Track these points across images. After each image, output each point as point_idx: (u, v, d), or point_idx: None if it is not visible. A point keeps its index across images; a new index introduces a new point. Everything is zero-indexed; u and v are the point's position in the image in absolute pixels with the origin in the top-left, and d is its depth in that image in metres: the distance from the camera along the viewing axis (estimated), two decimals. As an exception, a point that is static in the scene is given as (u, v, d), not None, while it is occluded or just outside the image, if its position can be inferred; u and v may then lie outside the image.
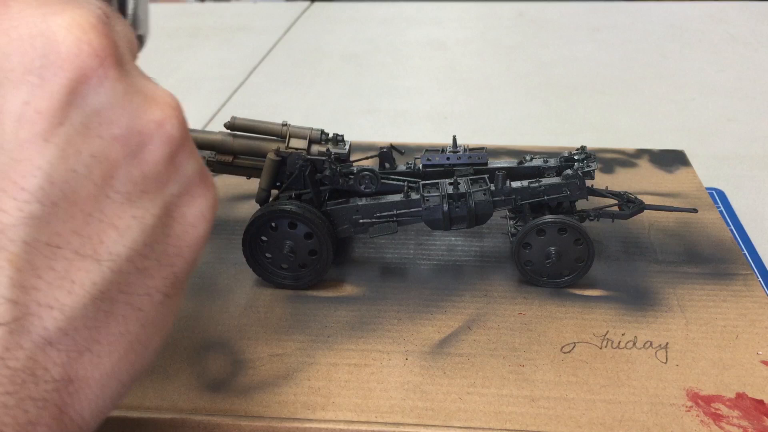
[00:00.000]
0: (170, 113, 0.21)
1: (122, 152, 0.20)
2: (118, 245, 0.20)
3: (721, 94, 0.76)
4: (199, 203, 0.22)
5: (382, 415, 0.32)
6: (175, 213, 0.22)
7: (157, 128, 0.21)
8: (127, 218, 0.20)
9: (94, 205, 0.19)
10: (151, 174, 0.21)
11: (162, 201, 0.21)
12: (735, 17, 1.01)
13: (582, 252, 0.40)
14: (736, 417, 0.32)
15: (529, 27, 1.02)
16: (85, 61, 0.19)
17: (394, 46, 0.95)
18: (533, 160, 0.43)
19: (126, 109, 0.20)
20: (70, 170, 0.19)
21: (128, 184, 0.20)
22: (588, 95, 0.78)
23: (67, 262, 0.19)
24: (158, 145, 0.21)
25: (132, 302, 0.21)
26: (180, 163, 0.22)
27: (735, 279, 0.41)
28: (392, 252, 0.45)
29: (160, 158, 0.21)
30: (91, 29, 0.19)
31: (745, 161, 0.62)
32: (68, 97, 0.19)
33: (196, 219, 0.22)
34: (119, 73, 0.20)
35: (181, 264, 0.22)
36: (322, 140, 0.42)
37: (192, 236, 0.22)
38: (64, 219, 0.19)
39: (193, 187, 0.22)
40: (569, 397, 0.33)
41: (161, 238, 0.21)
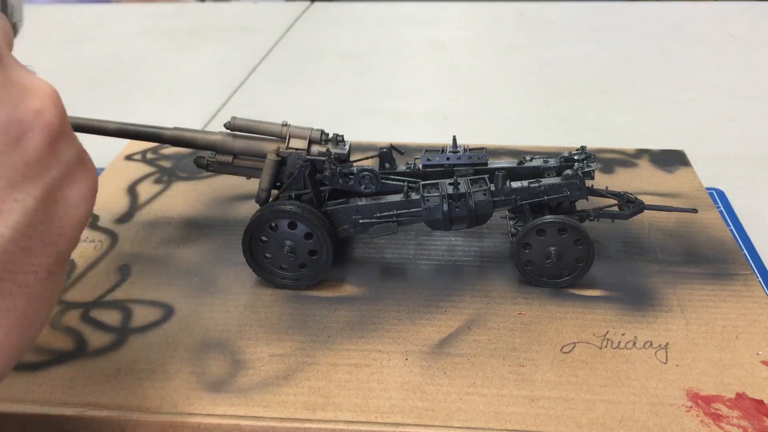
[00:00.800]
0: (48, 102, 0.23)
1: (3, 141, 0.21)
2: (2, 227, 0.21)
3: (721, 94, 0.76)
4: (79, 185, 0.24)
5: (382, 415, 0.32)
6: (57, 195, 0.23)
7: (36, 117, 0.22)
8: (9, 202, 0.22)
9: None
10: (32, 160, 0.22)
11: (44, 184, 0.23)
12: (735, 17, 1.01)
13: (582, 252, 0.40)
14: (736, 417, 0.32)
15: (529, 27, 1.02)
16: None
17: (394, 46, 0.95)
18: (533, 160, 0.43)
19: (4, 100, 0.21)
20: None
21: (10, 170, 0.22)
22: (588, 95, 0.78)
23: None
24: (38, 133, 0.22)
25: (18, 280, 0.22)
26: (60, 148, 0.23)
27: (735, 279, 0.41)
28: (392, 252, 0.45)
29: (40, 145, 0.22)
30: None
31: (745, 161, 0.62)
32: None
33: (77, 200, 0.24)
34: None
35: (64, 243, 0.24)
36: (322, 140, 0.42)
37: (74, 216, 0.24)
38: None
39: (74, 170, 0.24)
40: (569, 398, 0.33)
41: (44, 219, 0.23)
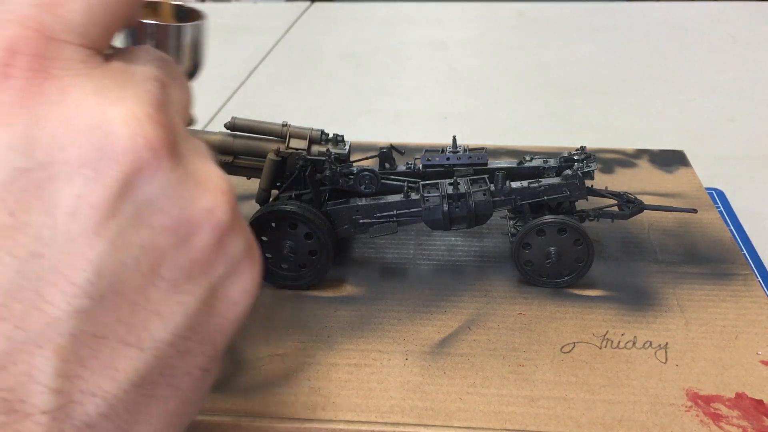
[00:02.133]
0: (221, 199, 0.21)
1: (171, 241, 0.20)
2: (162, 332, 0.20)
3: (721, 94, 0.76)
4: (243, 280, 0.23)
5: (382, 415, 0.32)
6: (220, 293, 0.22)
7: (207, 216, 0.21)
8: (171, 305, 0.20)
9: (141, 294, 0.19)
10: (199, 260, 0.21)
11: (208, 284, 0.21)
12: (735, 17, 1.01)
13: (582, 252, 0.40)
14: (735, 417, 0.32)
15: (529, 27, 1.02)
16: (139, 154, 0.19)
17: (394, 46, 0.95)
18: (533, 160, 0.43)
19: (177, 198, 0.20)
20: (120, 263, 0.19)
21: (175, 272, 0.20)
22: (588, 95, 0.78)
23: (111, 351, 0.19)
24: (207, 232, 0.21)
25: (172, 383, 0.21)
26: (227, 245, 0.22)
27: (734, 279, 0.41)
28: (392, 252, 0.45)
29: (208, 245, 0.21)
30: (148, 121, 0.19)
31: (744, 161, 0.62)
32: (121, 190, 0.19)
33: (239, 296, 0.22)
34: (173, 163, 0.20)
35: (221, 340, 0.22)
36: (322, 140, 0.42)
37: (234, 313, 0.22)
38: (111, 310, 0.19)
39: (240, 265, 0.22)
40: (569, 397, 0.33)
41: (205, 319, 0.21)
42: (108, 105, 0.19)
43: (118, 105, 0.19)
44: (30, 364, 0.18)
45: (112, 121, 0.19)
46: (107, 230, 0.18)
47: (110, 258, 0.19)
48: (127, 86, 0.20)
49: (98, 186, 0.18)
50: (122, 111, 0.19)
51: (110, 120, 0.19)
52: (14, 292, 0.18)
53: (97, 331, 0.19)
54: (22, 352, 0.18)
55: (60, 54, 0.19)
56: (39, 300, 0.18)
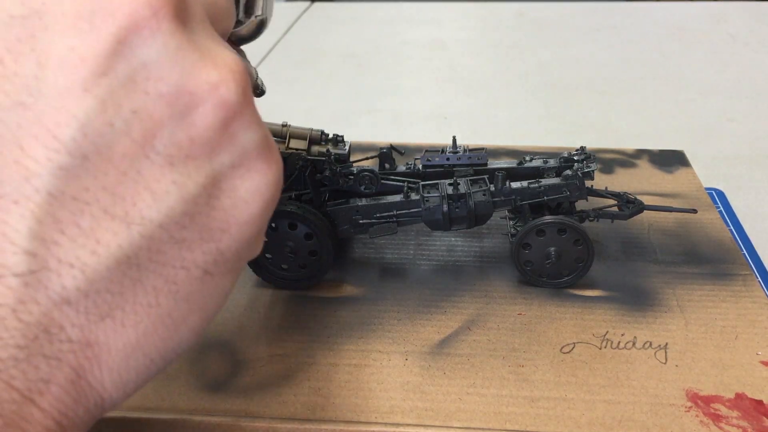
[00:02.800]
0: (228, 76, 0.19)
1: (168, 112, 0.18)
2: (153, 210, 0.18)
3: (721, 94, 0.76)
4: (255, 178, 0.21)
5: (382, 415, 0.32)
6: (225, 185, 0.20)
7: (210, 90, 0.19)
8: (165, 182, 0.19)
9: (131, 164, 0.18)
10: (199, 139, 0.19)
11: (209, 170, 0.19)
12: (735, 17, 1.01)
13: (581, 252, 0.40)
14: (735, 417, 0.32)
15: (529, 27, 1.02)
16: (137, 10, 0.18)
17: (394, 46, 0.95)
18: (533, 160, 0.43)
19: (177, 65, 0.18)
20: (107, 124, 0.18)
21: (171, 147, 0.19)
22: (588, 95, 0.78)
23: (93, 220, 0.18)
24: (210, 109, 0.19)
25: (164, 273, 0.19)
26: (235, 131, 0.20)
27: (734, 279, 0.41)
28: (392, 252, 0.45)
29: (210, 123, 0.19)
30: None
31: (744, 161, 0.62)
32: (115, 46, 0.17)
33: (249, 195, 0.20)
34: (175, 27, 0.18)
35: (227, 241, 0.20)
36: (322, 141, 0.42)
37: (243, 213, 0.20)
38: (95, 174, 0.18)
39: (250, 160, 0.20)
40: (569, 398, 0.33)
41: (205, 210, 0.20)
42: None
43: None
44: (4, 220, 0.17)
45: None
46: (97, 87, 0.17)
47: (97, 117, 0.17)
48: None
49: (91, 39, 0.17)
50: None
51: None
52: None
53: (79, 195, 0.17)
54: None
55: None
56: (19, 152, 0.17)
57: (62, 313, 0.18)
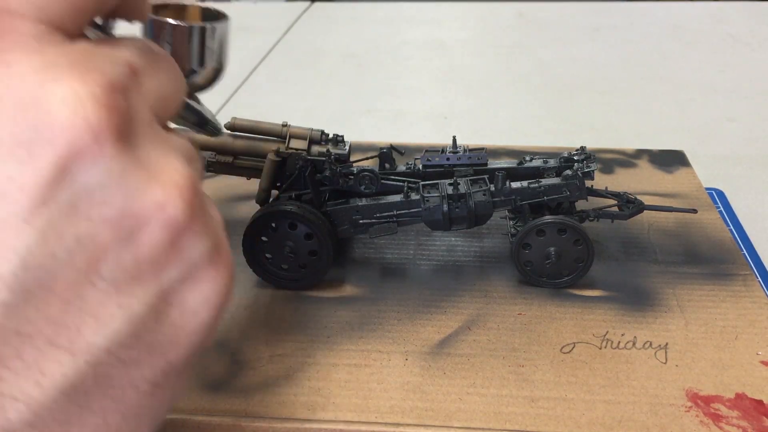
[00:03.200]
0: (174, 194, 0.19)
1: (112, 236, 0.18)
2: (98, 336, 0.18)
3: (721, 94, 0.76)
4: (204, 287, 0.20)
5: (382, 415, 0.32)
6: (173, 299, 0.20)
7: (156, 210, 0.19)
8: (111, 307, 0.18)
9: (74, 292, 0.18)
10: (146, 260, 0.19)
11: (157, 288, 0.19)
12: (735, 17, 1.01)
13: (581, 252, 0.40)
14: (735, 417, 0.32)
15: (529, 27, 1.02)
16: (77, 136, 0.17)
17: (394, 46, 0.95)
18: (533, 160, 0.43)
19: (121, 189, 0.18)
20: (50, 255, 0.17)
21: (117, 271, 0.18)
22: (588, 95, 0.78)
23: (37, 352, 0.17)
24: (156, 229, 0.19)
25: (111, 394, 0.19)
26: (183, 246, 0.19)
27: (734, 279, 0.41)
28: (392, 252, 0.45)
29: (157, 243, 0.19)
30: (90, 101, 0.17)
31: (744, 161, 0.62)
32: (56, 174, 0.17)
33: (198, 305, 0.20)
34: (118, 150, 0.18)
35: (176, 352, 0.20)
36: (322, 141, 0.42)
37: (192, 323, 0.20)
38: (38, 307, 0.17)
39: (199, 270, 0.20)
40: (569, 398, 0.33)
41: (153, 327, 0.19)
42: (50, 82, 0.17)
43: (60, 83, 0.17)
44: None
45: (51, 99, 0.17)
46: (37, 218, 0.17)
47: (39, 250, 0.17)
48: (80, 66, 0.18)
49: (30, 169, 0.17)
50: (63, 89, 0.17)
51: (49, 97, 0.17)
52: None
53: (21, 329, 0.17)
54: None
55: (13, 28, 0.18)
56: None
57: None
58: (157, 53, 0.22)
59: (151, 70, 0.21)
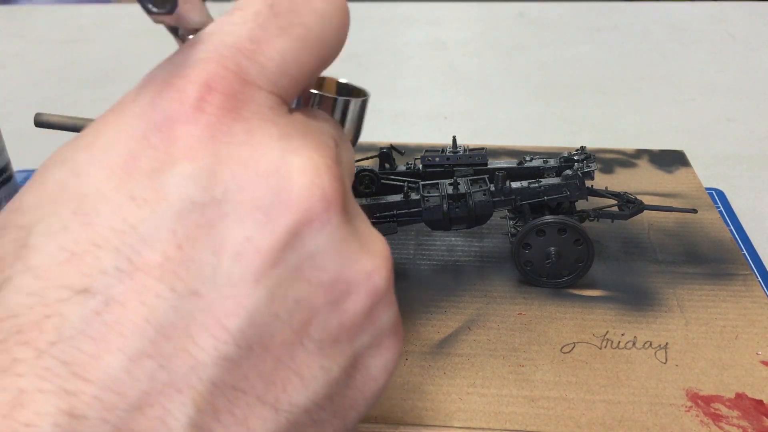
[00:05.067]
0: (381, 264, 0.20)
1: (325, 300, 0.19)
2: (301, 396, 0.19)
3: (721, 94, 0.76)
4: (386, 354, 0.21)
5: (382, 415, 0.32)
6: (360, 364, 0.21)
7: (365, 279, 0.20)
8: (315, 368, 0.19)
9: (287, 351, 0.18)
10: (348, 324, 0.20)
11: (352, 352, 0.20)
12: (735, 17, 1.01)
13: (582, 252, 0.40)
14: (735, 417, 0.32)
15: (529, 27, 1.02)
16: (313, 204, 0.18)
17: (394, 46, 0.95)
18: (533, 160, 0.43)
19: (339, 256, 0.19)
20: (273, 315, 0.18)
21: (323, 333, 0.19)
22: (588, 95, 0.78)
23: (247, 408, 0.18)
24: (362, 296, 0.20)
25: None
26: (378, 314, 0.20)
27: (734, 279, 0.41)
28: (392, 252, 0.45)
29: (360, 309, 0.20)
30: (326, 172, 0.19)
31: (745, 161, 0.62)
32: (288, 238, 0.18)
33: (379, 372, 0.21)
34: (342, 219, 0.19)
35: (353, 416, 0.21)
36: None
37: (372, 389, 0.21)
38: (255, 363, 0.18)
39: (384, 338, 0.21)
40: (569, 398, 0.33)
41: (342, 391, 0.20)
42: (290, 152, 0.19)
43: (299, 153, 0.19)
44: (166, 408, 0.17)
45: (292, 168, 0.18)
46: (268, 279, 0.18)
47: (265, 308, 0.18)
48: (308, 137, 0.20)
49: (267, 231, 0.18)
50: (303, 159, 0.18)
51: (290, 167, 0.18)
52: (166, 328, 0.17)
53: (238, 384, 0.18)
54: (162, 395, 0.17)
55: (252, 97, 0.19)
56: (188, 341, 0.17)
57: None
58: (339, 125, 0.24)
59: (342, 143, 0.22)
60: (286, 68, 0.20)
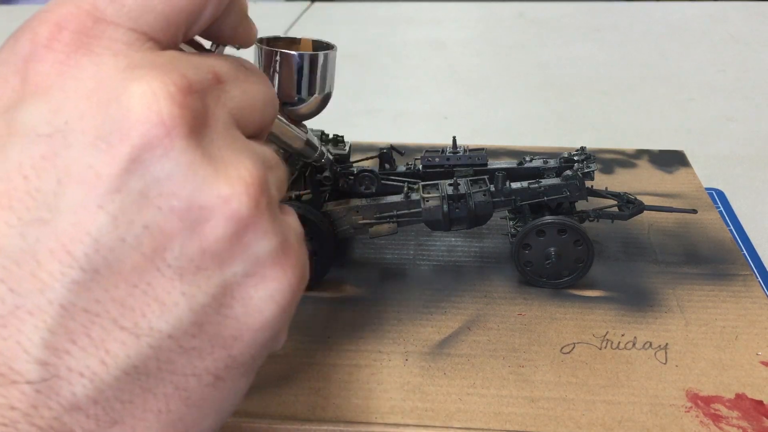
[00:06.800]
0: (241, 189, 0.20)
1: (179, 225, 0.19)
2: (161, 321, 0.19)
3: (721, 94, 0.76)
4: (269, 285, 0.21)
5: (382, 416, 0.32)
6: (237, 294, 0.20)
7: (221, 204, 0.19)
8: (175, 294, 0.19)
9: (140, 276, 0.19)
10: (210, 251, 0.20)
11: (220, 280, 0.20)
12: (735, 17, 1.01)
13: (582, 253, 0.40)
14: (735, 417, 0.32)
15: (529, 27, 1.02)
16: (150, 130, 0.18)
17: (394, 46, 0.95)
18: (533, 160, 0.43)
19: (189, 181, 0.19)
20: (119, 239, 0.18)
21: (182, 259, 0.19)
22: (588, 95, 0.78)
23: (103, 331, 0.18)
24: (220, 222, 0.19)
25: (174, 381, 0.20)
26: (248, 242, 0.20)
27: (734, 279, 0.41)
28: (392, 253, 0.45)
29: (222, 235, 0.20)
30: (165, 98, 0.19)
31: (745, 161, 0.62)
32: (129, 164, 0.18)
33: (263, 302, 0.21)
34: (188, 144, 0.19)
35: (239, 347, 0.21)
36: (322, 141, 0.42)
37: (256, 320, 0.21)
38: (106, 287, 0.18)
39: (264, 268, 0.21)
40: (569, 398, 0.33)
41: (215, 319, 0.20)
42: (132, 80, 0.19)
43: (139, 81, 0.19)
44: (20, 330, 0.18)
45: (130, 96, 0.19)
46: (111, 204, 0.18)
47: (109, 233, 0.18)
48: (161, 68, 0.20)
49: (107, 158, 0.18)
50: (142, 87, 0.19)
51: (129, 94, 0.19)
52: (15, 254, 0.18)
53: (89, 307, 0.18)
54: (14, 317, 0.18)
55: (104, 33, 0.20)
56: (36, 266, 0.18)
57: (73, 419, 0.18)
58: (248, 69, 0.24)
59: (237, 81, 0.22)
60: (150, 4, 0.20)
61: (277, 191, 0.23)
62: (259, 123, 0.23)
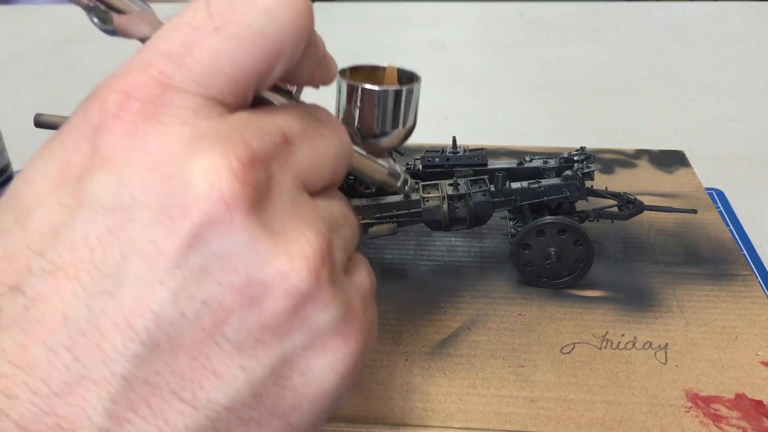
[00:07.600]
0: (300, 264, 0.20)
1: (238, 301, 0.19)
2: (219, 393, 0.19)
3: (721, 94, 0.76)
4: (329, 357, 0.21)
5: (382, 415, 0.32)
6: (296, 365, 0.21)
7: (281, 280, 0.20)
8: (233, 367, 0.20)
9: (199, 350, 0.19)
10: (269, 325, 0.20)
11: (279, 352, 0.20)
12: (735, 17, 1.01)
13: (581, 253, 0.40)
14: (735, 418, 0.32)
15: (529, 27, 1.02)
16: (211, 207, 0.19)
17: (394, 46, 0.95)
18: (533, 160, 0.43)
19: (249, 257, 0.19)
20: (179, 314, 0.19)
21: (240, 333, 0.20)
22: (588, 95, 0.78)
23: (163, 402, 0.19)
24: (279, 297, 0.20)
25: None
26: (308, 315, 0.20)
27: (734, 280, 0.41)
28: (392, 253, 0.45)
29: (281, 310, 0.20)
30: (227, 174, 0.19)
31: (744, 161, 0.62)
32: (190, 240, 0.19)
33: (323, 373, 0.21)
34: (248, 220, 0.19)
35: (299, 416, 0.21)
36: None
37: (316, 390, 0.21)
38: (166, 360, 0.19)
39: (324, 339, 0.21)
40: (569, 398, 0.33)
41: (274, 390, 0.20)
42: (195, 154, 0.19)
43: (203, 156, 0.19)
44: (84, 398, 0.18)
45: (192, 172, 0.19)
46: (171, 279, 0.18)
47: (170, 309, 0.19)
48: (225, 139, 0.19)
49: (169, 234, 0.18)
50: (204, 163, 0.19)
51: (191, 170, 0.19)
52: (80, 325, 0.18)
53: (150, 379, 0.19)
54: (78, 385, 0.18)
55: (172, 102, 0.19)
56: (99, 337, 0.18)
57: None
58: (320, 121, 0.23)
59: (306, 138, 0.22)
60: (218, 68, 0.20)
61: (344, 252, 0.23)
62: (329, 178, 0.23)
